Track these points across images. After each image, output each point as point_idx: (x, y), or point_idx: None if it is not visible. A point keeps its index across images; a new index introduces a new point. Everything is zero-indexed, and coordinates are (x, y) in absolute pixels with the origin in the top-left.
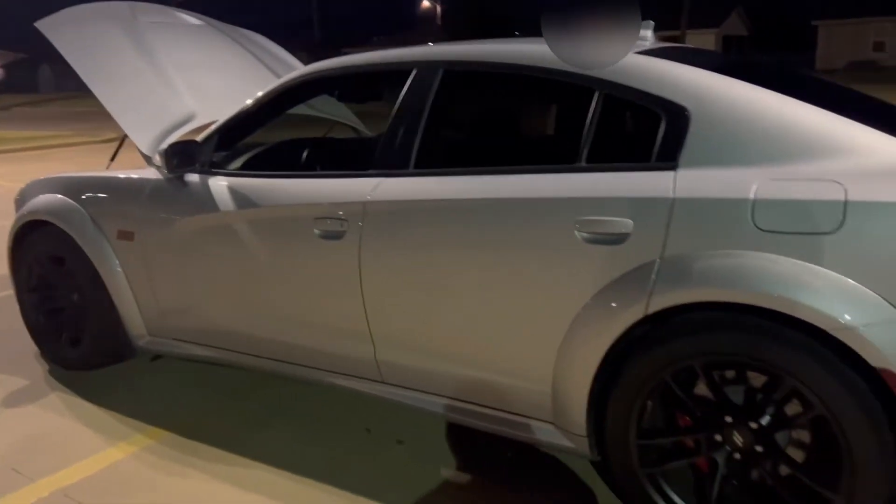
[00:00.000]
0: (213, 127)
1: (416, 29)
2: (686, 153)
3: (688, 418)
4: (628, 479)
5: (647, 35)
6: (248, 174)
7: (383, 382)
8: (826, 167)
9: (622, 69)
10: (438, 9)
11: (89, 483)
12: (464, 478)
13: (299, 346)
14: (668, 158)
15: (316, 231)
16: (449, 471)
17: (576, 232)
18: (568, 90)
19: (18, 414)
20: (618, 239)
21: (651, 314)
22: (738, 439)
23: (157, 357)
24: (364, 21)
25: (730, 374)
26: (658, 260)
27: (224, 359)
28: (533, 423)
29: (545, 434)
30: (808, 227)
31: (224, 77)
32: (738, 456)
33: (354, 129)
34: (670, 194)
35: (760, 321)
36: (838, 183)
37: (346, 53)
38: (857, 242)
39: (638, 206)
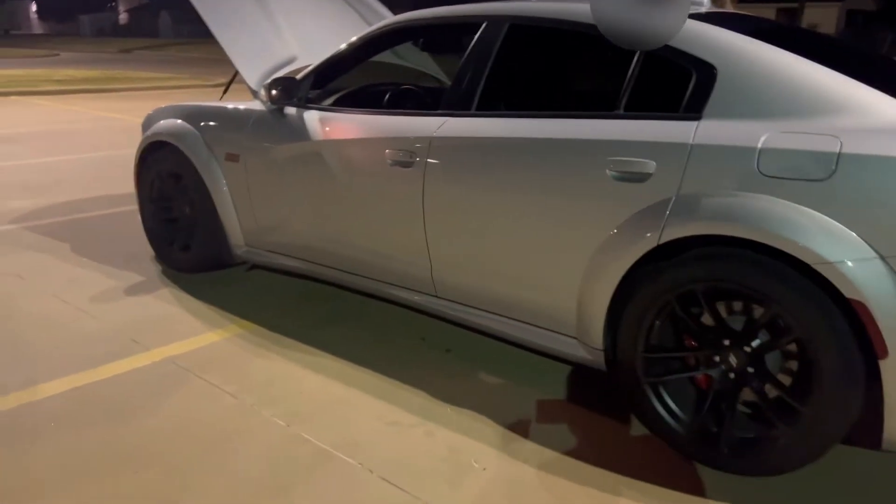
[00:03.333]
0: (310, 67)
1: None
2: (710, 106)
3: (691, 340)
4: (633, 386)
5: (703, 0)
6: (337, 109)
7: (437, 297)
8: (830, 123)
9: None
10: None
11: (192, 356)
12: (497, 380)
13: (369, 261)
14: (694, 110)
15: (389, 160)
16: (486, 374)
17: (607, 170)
18: (614, 46)
19: (137, 300)
20: (642, 178)
21: (662, 244)
22: (732, 360)
23: (252, 267)
24: None
25: (729, 304)
26: (673, 198)
27: (306, 269)
28: (559, 337)
29: (568, 347)
30: (804, 174)
31: (323, 23)
32: (731, 374)
33: (437, 79)
34: (690, 140)
35: (754, 254)
36: (835, 137)
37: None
38: (845, 189)
39: (661, 150)
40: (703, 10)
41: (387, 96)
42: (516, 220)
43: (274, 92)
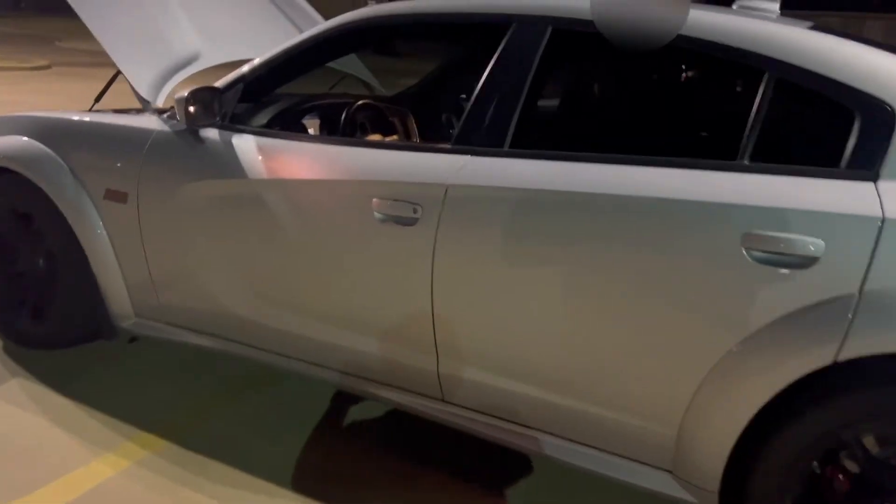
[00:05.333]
0: (236, 74)
1: None
2: (890, 161)
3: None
4: None
5: (774, 8)
6: (286, 135)
7: (443, 401)
8: None
9: (804, 49)
10: None
11: None
12: None
13: (338, 346)
14: (863, 166)
15: (378, 213)
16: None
17: (742, 248)
18: (729, 69)
19: None
20: (801, 262)
21: (842, 361)
22: None
23: (134, 339)
24: None
25: None
26: (857, 294)
27: (234, 352)
28: (642, 468)
29: (657, 482)
30: None
31: (233, 16)
32: None
33: (366, 84)
34: (878, 212)
35: None
36: None
37: None
38: None
39: (832, 224)
40: (773, 17)
41: (343, 116)
42: (583, 308)
43: (192, 108)
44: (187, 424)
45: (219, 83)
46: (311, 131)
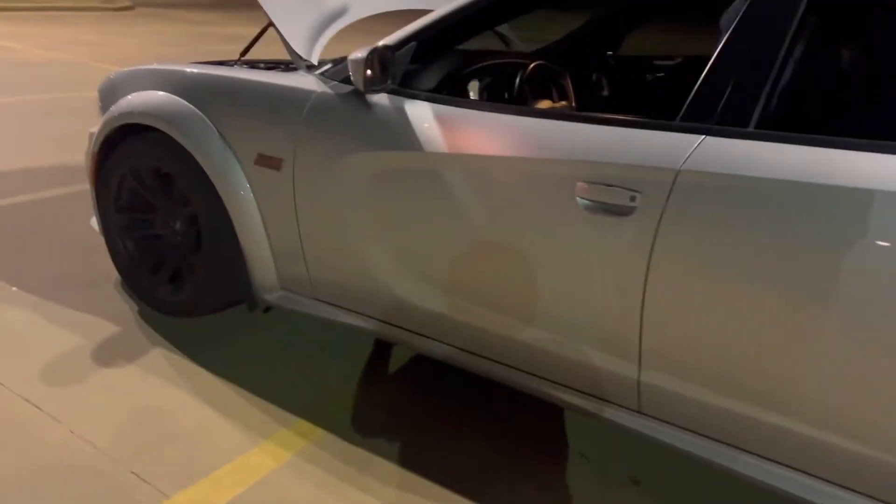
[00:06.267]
0: (406, 32)
1: None
2: None
3: None
4: None
5: None
6: (469, 104)
7: (639, 412)
8: None
9: None
10: None
11: None
12: None
13: (517, 341)
14: None
15: (583, 199)
16: None
17: None
18: None
19: (120, 380)
20: None
21: None
22: None
23: (269, 309)
24: None
25: None
26: None
27: (390, 335)
28: (850, 496)
29: None
30: None
31: None
32: None
33: (502, 38)
34: None
35: None
36: None
37: None
38: None
39: None
40: None
41: (517, 82)
42: (848, 332)
43: (370, 72)
44: (341, 411)
45: (387, 41)
46: (471, 95)
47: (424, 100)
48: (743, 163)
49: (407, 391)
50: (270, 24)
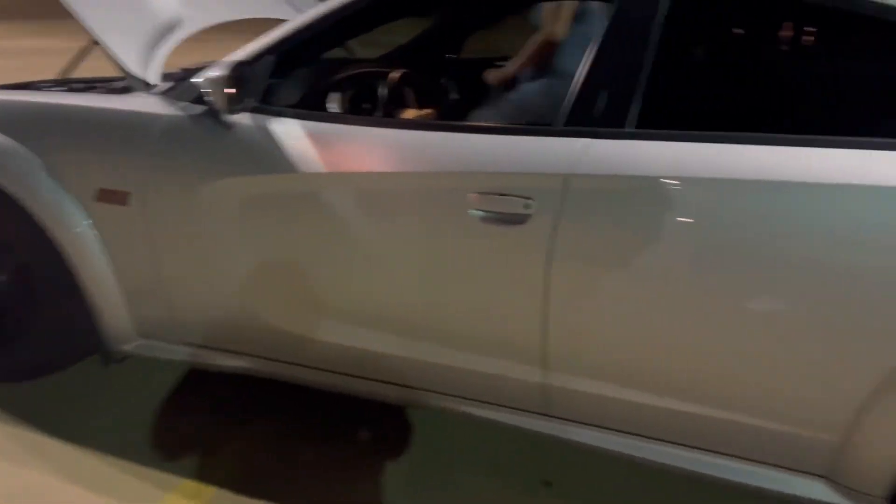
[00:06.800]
0: (261, 44)
1: None
2: None
3: None
4: None
5: None
6: (343, 119)
7: (548, 416)
8: None
9: None
10: None
11: None
12: None
13: (422, 362)
14: None
15: (475, 211)
16: None
17: None
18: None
19: None
20: None
21: None
22: None
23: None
24: None
25: None
26: None
27: (280, 373)
28: (789, 475)
29: (808, 489)
30: None
31: None
32: None
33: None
34: None
35: None
36: None
37: None
38: None
39: None
40: None
41: (384, 92)
42: (739, 317)
43: (230, 91)
44: (225, 462)
45: (242, 56)
46: (333, 108)
47: (293, 116)
48: (627, 162)
49: (288, 431)
50: (94, 40)
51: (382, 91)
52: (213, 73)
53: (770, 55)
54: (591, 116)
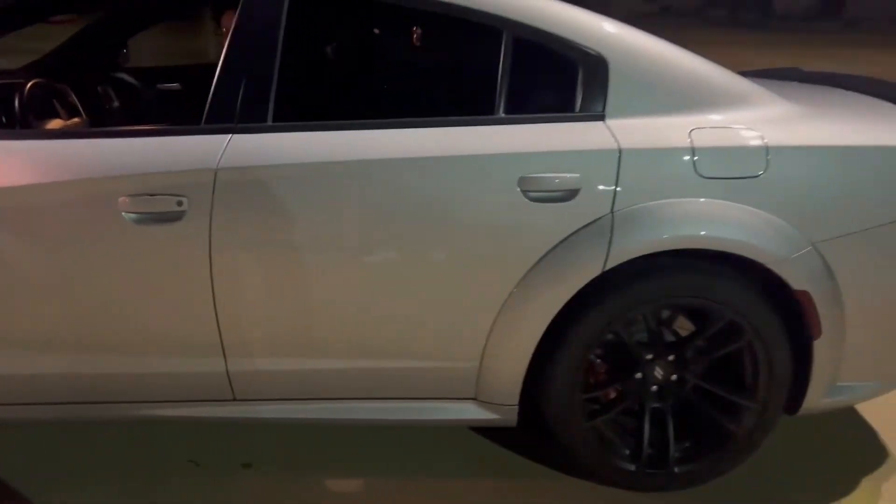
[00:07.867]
0: None
1: None
2: (611, 103)
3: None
4: (570, 437)
5: None
6: None
7: (235, 400)
8: (734, 117)
9: (531, 9)
10: None
11: None
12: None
13: (101, 375)
14: (592, 108)
15: (128, 214)
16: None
17: (519, 190)
18: (469, 29)
19: None
20: (566, 195)
21: (609, 269)
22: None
23: None
24: None
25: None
26: (610, 214)
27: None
28: (447, 404)
29: (463, 412)
30: (742, 171)
31: None
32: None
33: None
34: (614, 145)
35: (708, 263)
36: (754, 130)
37: None
38: (776, 183)
39: (585, 160)
40: None
41: (16, 104)
42: (377, 278)
43: None
44: None
45: None
46: None
47: None
48: (269, 153)
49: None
50: None
51: (20, 102)
52: None
53: (378, 52)
54: (232, 112)
